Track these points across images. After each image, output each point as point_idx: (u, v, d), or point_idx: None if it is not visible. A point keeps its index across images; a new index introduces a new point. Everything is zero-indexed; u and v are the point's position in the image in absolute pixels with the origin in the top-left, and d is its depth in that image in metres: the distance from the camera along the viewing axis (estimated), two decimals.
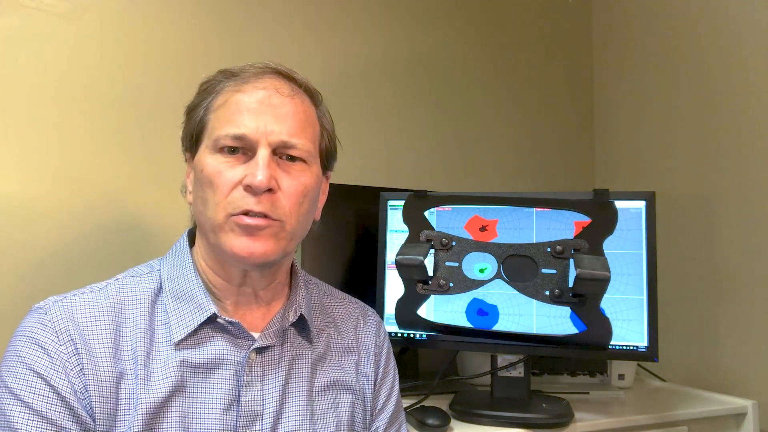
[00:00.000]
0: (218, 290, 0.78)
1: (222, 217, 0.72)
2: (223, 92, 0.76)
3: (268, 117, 0.73)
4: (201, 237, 0.79)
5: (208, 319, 0.74)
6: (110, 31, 1.27)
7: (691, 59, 1.55)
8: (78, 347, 0.69)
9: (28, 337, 0.69)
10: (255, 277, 0.78)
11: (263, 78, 0.76)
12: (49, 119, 1.21)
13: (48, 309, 0.71)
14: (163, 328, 0.74)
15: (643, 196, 1.12)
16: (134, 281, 0.77)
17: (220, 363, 0.74)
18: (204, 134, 0.76)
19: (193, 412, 0.71)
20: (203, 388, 0.73)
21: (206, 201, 0.74)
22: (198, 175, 0.75)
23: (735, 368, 1.40)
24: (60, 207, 1.20)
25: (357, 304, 0.94)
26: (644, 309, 1.09)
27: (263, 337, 0.77)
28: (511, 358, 1.17)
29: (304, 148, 0.76)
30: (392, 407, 0.89)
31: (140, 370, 0.70)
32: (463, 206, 1.14)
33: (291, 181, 0.74)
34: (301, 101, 0.77)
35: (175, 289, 0.76)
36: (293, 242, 0.77)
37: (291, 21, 1.47)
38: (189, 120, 0.79)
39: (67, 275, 1.19)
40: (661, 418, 1.15)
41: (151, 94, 1.29)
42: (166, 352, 0.72)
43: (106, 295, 0.74)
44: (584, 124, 1.86)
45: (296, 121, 0.75)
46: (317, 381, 0.81)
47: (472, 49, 1.71)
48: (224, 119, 0.74)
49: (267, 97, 0.74)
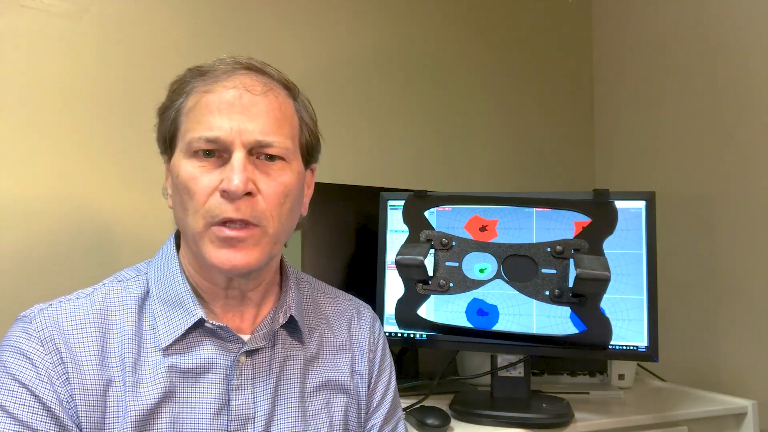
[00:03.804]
0: (205, 294, 0.77)
1: (201, 227, 0.70)
2: (193, 93, 0.73)
3: (240, 117, 0.70)
4: (185, 241, 0.77)
5: (196, 323, 0.73)
6: (110, 30, 1.27)
7: (691, 59, 1.55)
8: (63, 356, 0.68)
9: (13, 347, 0.69)
10: (241, 282, 0.76)
11: (233, 76, 0.73)
12: (47, 119, 1.20)
13: (33, 318, 0.70)
14: (151, 333, 0.73)
15: (643, 196, 1.12)
16: (121, 286, 0.76)
17: (210, 367, 0.73)
18: (177, 137, 0.74)
19: (183, 418, 0.71)
20: (193, 394, 0.72)
21: (185, 208, 0.72)
22: (174, 180, 0.73)
23: (735, 368, 1.40)
24: (58, 206, 1.20)
25: (351, 301, 0.92)
26: (644, 309, 1.09)
27: (253, 340, 0.75)
28: (511, 358, 1.17)
29: (281, 145, 0.72)
30: (388, 405, 0.88)
31: (128, 377, 0.69)
32: (463, 206, 1.14)
33: (270, 182, 0.72)
34: (275, 97, 0.74)
35: (162, 294, 0.75)
36: (278, 245, 0.75)
37: (288, 21, 1.47)
38: (161, 122, 0.76)
39: (56, 277, 1.19)
40: (661, 418, 1.15)
41: (150, 94, 1.26)
42: (154, 358, 0.71)
43: (92, 302, 0.73)
44: (584, 123, 1.86)
45: (271, 118, 0.72)
46: (309, 382, 0.80)
47: (472, 49, 1.71)
48: (195, 122, 0.71)
49: (237, 96, 0.71)
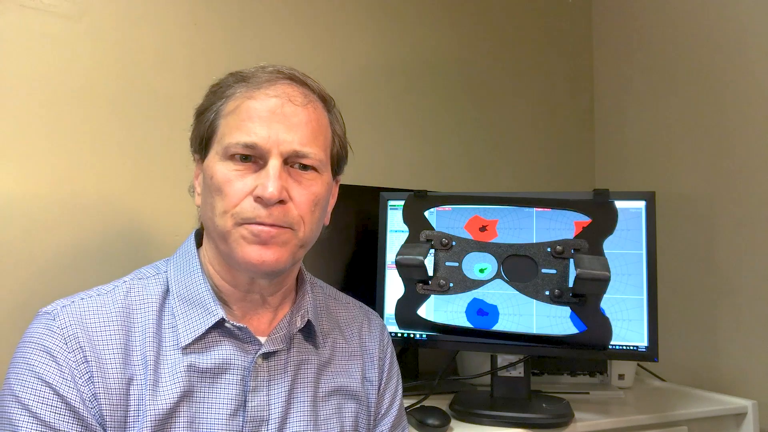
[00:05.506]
0: (225, 294, 0.77)
1: (231, 225, 0.71)
2: (233, 97, 0.74)
3: (279, 126, 0.72)
4: (209, 241, 0.78)
5: (215, 323, 0.73)
6: (110, 30, 1.26)
7: (692, 58, 1.54)
8: (87, 355, 0.68)
9: (37, 343, 0.68)
10: (263, 284, 0.77)
11: (275, 84, 0.74)
12: (47, 118, 1.20)
13: (56, 314, 0.70)
14: (171, 332, 0.73)
15: (643, 196, 1.12)
16: (141, 284, 0.76)
17: (227, 368, 0.74)
18: (214, 139, 0.75)
19: (200, 417, 0.71)
20: (210, 393, 0.72)
21: (215, 208, 0.72)
22: (207, 181, 0.74)
23: (735, 368, 1.40)
24: (59, 207, 1.20)
25: (361, 308, 0.93)
26: (644, 309, 1.09)
27: (270, 343, 0.76)
28: (511, 358, 1.17)
29: (316, 157, 0.74)
30: (395, 412, 0.89)
31: (149, 376, 0.70)
32: (463, 206, 1.14)
33: (302, 191, 0.73)
34: (314, 109, 0.76)
35: (182, 293, 0.75)
36: (303, 249, 0.76)
37: (290, 20, 1.47)
38: (199, 123, 0.77)
39: (67, 276, 1.19)
40: (661, 418, 1.15)
41: (150, 93, 1.28)
42: (173, 357, 0.72)
43: (114, 299, 0.73)
44: (584, 123, 1.85)
45: (308, 130, 0.74)
46: (322, 387, 0.81)
47: (470, 49, 1.71)
48: (235, 126, 0.72)
49: (279, 105, 0.73)
